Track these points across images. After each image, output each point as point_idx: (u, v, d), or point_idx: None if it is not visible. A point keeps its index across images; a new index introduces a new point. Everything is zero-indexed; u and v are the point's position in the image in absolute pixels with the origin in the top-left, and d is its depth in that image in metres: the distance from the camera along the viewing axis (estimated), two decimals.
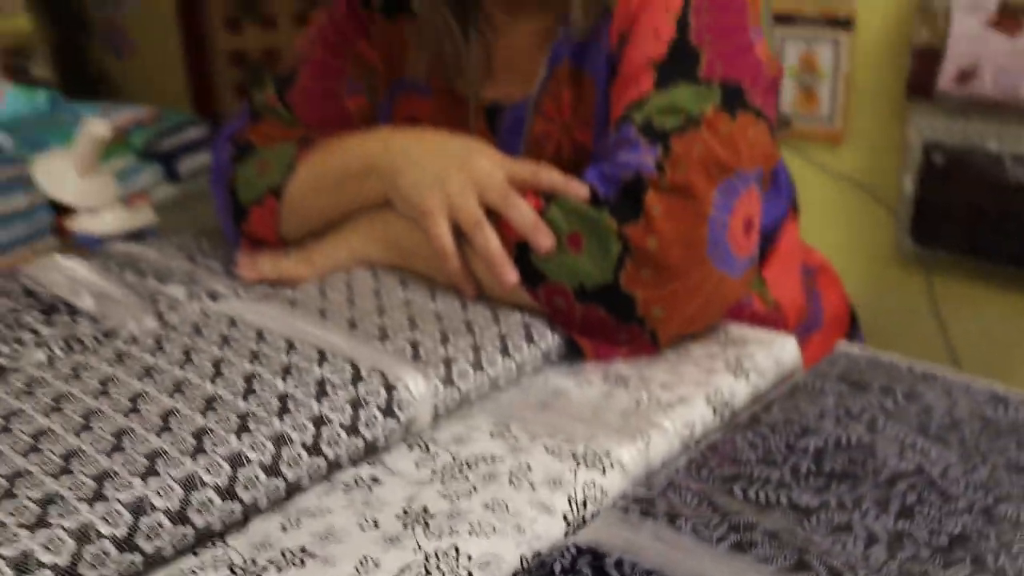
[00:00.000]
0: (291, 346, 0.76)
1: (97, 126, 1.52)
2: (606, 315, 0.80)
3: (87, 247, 1.41)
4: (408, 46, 1.05)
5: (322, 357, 0.74)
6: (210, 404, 0.67)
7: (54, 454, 0.61)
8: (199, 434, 0.63)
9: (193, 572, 0.57)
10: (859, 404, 0.76)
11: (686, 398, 0.76)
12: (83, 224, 1.49)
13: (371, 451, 0.69)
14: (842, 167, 1.95)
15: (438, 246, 0.84)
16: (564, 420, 0.74)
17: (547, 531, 0.61)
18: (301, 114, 1.07)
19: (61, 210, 1.67)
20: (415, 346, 0.77)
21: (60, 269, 1.00)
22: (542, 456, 0.69)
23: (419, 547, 0.58)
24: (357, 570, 0.57)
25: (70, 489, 0.57)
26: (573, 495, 0.64)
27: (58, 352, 0.84)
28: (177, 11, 3.59)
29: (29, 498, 0.56)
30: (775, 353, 0.85)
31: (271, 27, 3.73)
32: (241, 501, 0.61)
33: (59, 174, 1.55)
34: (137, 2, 3.61)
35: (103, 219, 1.51)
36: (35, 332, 0.87)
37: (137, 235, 1.44)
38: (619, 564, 0.56)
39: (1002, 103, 1.70)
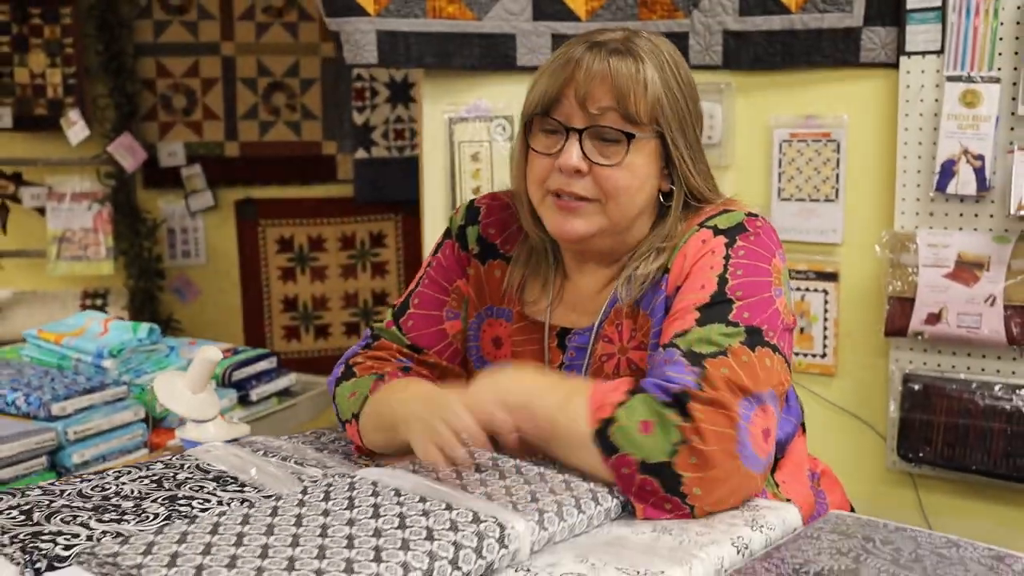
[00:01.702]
0: (424, 499, 1.03)
1: (211, 351, 1.79)
2: (658, 486, 1.07)
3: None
4: (495, 283, 1.38)
5: (449, 506, 1.01)
6: (378, 532, 0.93)
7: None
8: (377, 549, 0.90)
9: None
10: (847, 545, 1.02)
11: (717, 541, 1.03)
12: (189, 432, 1.74)
13: (488, 571, 0.95)
14: (835, 397, 2.26)
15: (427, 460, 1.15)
16: (628, 552, 1.00)
17: None
18: (411, 334, 1.39)
19: (151, 426, 1.95)
20: (514, 502, 1.04)
21: (224, 451, 1.28)
22: (615, 574, 0.94)
23: None
24: None
25: None
26: None
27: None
28: (240, 264, 4.05)
29: None
30: (782, 515, 1.11)
31: (320, 278, 4.17)
32: None
33: (175, 390, 1.80)
34: (204, 256, 4.07)
35: (206, 429, 1.75)
36: (214, 494, 1.14)
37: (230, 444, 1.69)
38: None
39: (965, 339, 2.03)
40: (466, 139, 2.47)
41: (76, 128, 3.75)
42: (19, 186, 3.85)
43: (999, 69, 2.00)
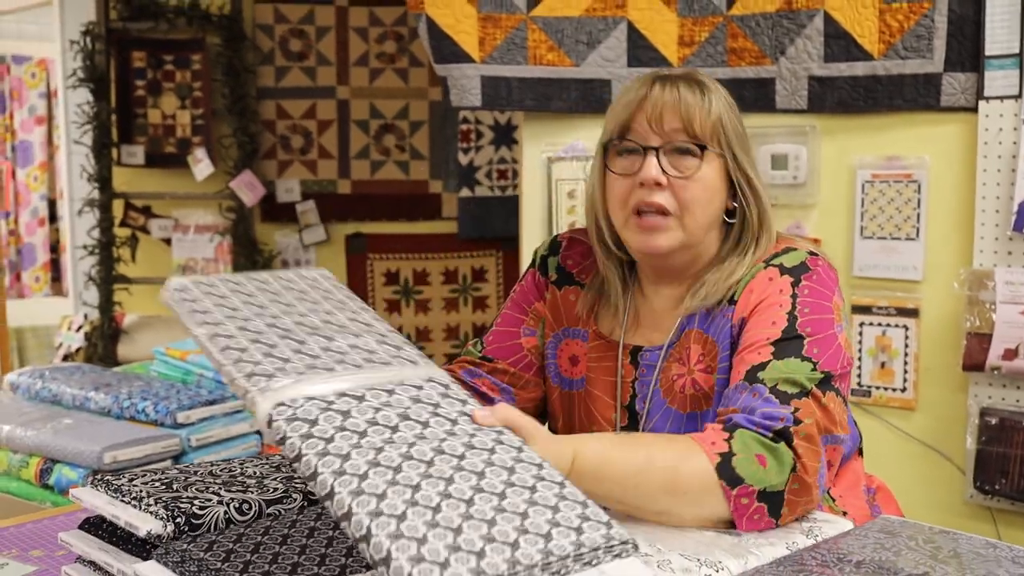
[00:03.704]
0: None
1: None
2: (767, 511, 1.18)
3: None
4: (571, 307, 1.52)
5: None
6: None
7: None
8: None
9: None
10: (890, 543, 1.12)
11: (773, 543, 1.14)
12: None
13: None
14: (915, 430, 2.31)
15: None
16: (691, 543, 1.12)
17: None
18: (488, 348, 1.55)
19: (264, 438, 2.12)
20: None
21: None
22: (679, 559, 1.06)
23: None
24: None
25: None
26: None
27: None
28: None
29: None
30: (837, 527, 1.21)
31: (424, 310, 4.36)
32: None
33: None
34: None
35: None
36: None
37: None
38: None
39: None
40: (563, 177, 2.63)
41: (202, 165, 4.05)
42: (148, 218, 4.15)
43: None
